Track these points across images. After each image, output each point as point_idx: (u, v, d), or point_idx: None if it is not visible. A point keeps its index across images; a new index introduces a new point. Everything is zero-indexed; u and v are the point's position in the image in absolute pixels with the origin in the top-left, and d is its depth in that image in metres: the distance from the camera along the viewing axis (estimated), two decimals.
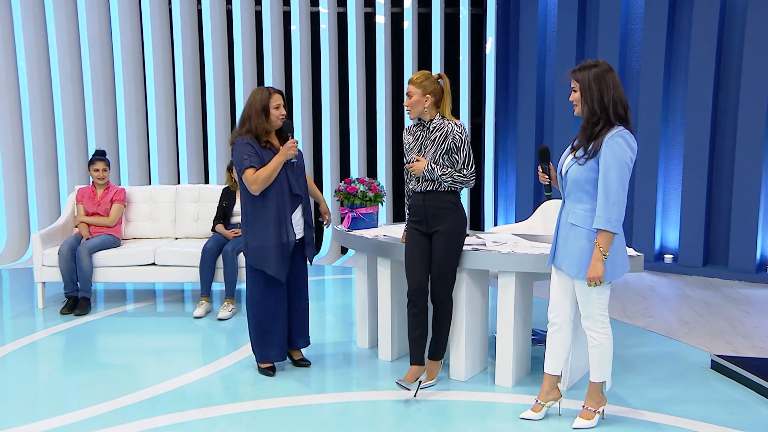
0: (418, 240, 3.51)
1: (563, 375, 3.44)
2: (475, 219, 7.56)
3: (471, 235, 3.94)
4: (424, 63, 7.30)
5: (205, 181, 7.47)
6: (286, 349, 3.81)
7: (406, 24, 7.22)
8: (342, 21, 7.32)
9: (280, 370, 3.84)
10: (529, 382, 3.66)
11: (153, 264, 5.15)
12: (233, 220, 5.23)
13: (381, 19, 7.18)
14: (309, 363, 3.91)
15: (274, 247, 3.57)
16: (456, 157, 3.42)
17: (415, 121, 3.55)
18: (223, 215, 5.22)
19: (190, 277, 5.09)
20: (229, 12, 7.27)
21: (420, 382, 3.47)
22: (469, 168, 3.44)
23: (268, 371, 3.76)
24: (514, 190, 7.37)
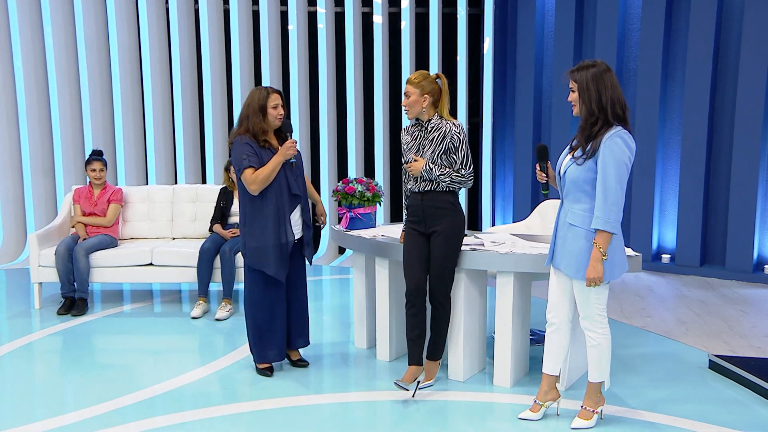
0: (416, 240, 3.50)
1: (562, 375, 3.44)
2: (473, 219, 7.56)
3: (469, 235, 3.94)
4: (422, 63, 7.29)
5: (203, 181, 7.46)
6: (284, 350, 3.80)
7: (403, 24, 7.21)
8: (339, 21, 7.32)
9: (278, 370, 3.84)
10: (528, 382, 3.66)
11: (150, 264, 5.14)
12: (231, 220, 5.23)
13: (378, 18, 7.18)
14: (307, 363, 3.91)
15: (273, 247, 3.56)
16: (454, 157, 3.42)
17: (413, 121, 3.55)
18: (220, 215, 5.22)
19: (187, 277, 5.08)
20: (226, 12, 7.26)
21: (418, 382, 3.47)
22: (467, 168, 3.43)
23: (266, 372, 3.76)
24: (512, 190, 7.37)
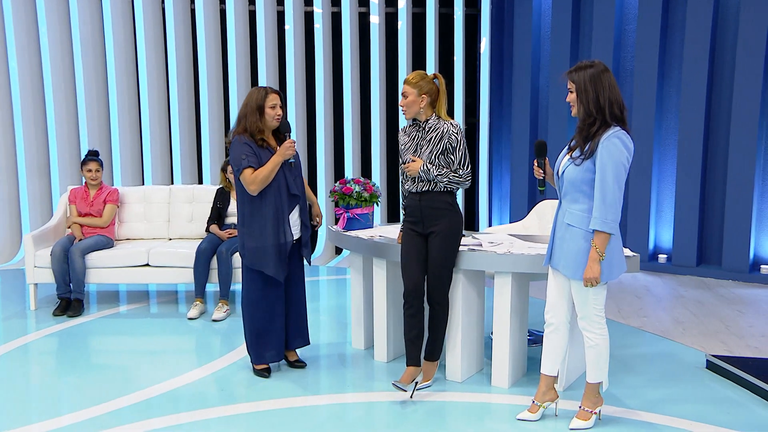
0: (414, 240, 3.50)
1: (560, 376, 3.43)
2: (470, 219, 7.56)
3: (467, 236, 3.93)
4: (419, 63, 7.29)
5: (199, 182, 7.44)
6: (283, 350, 3.79)
7: (400, 24, 7.21)
8: (336, 21, 7.31)
9: (276, 371, 3.82)
10: (526, 382, 3.65)
11: (147, 265, 5.12)
12: (227, 220, 5.21)
13: (375, 18, 7.17)
14: (304, 364, 3.90)
15: (273, 247, 3.55)
16: (452, 157, 3.41)
17: (410, 121, 3.54)
18: (217, 216, 5.20)
19: (184, 278, 5.06)
20: (222, 11, 7.25)
21: (416, 383, 3.47)
22: (465, 168, 3.43)
23: (263, 373, 3.74)
24: (509, 190, 7.37)
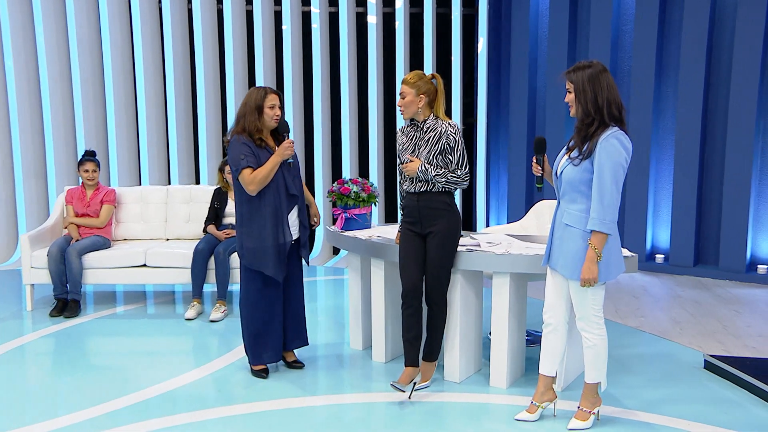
0: (412, 241, 3.49)
1: (558, 376, 3.43)
2: (468, 219, 7.56)
3: (465, 236, 3.93)
4: (416, 63, 7.28)
5: (196, 182, 7.43)
6: (280, 351, 3.78)
7: (397, 24, 7.20)
8: (333, 21, 7.30)
9: (274, 372, 3.82)
10: (524, 383, 3.65)
11: (144, 265, 5.11)
12: (225, 221, 5.20)
13: (372, 19, 7.17)
14: (302, 365, 3.89)
15: (272, 247, 3.54)
16: (450, 157, 3.41)
17: (408, 121, 3.53)
18: (214, 216, 5.19)
19: (181, 278, 5.05)
20: (219, 11, 7.23)
21: (414, 383, 3.46)
22: (463, 168, 3.43)
23: (261, 373, 3.74)
24: (506, 190, 7.37)
